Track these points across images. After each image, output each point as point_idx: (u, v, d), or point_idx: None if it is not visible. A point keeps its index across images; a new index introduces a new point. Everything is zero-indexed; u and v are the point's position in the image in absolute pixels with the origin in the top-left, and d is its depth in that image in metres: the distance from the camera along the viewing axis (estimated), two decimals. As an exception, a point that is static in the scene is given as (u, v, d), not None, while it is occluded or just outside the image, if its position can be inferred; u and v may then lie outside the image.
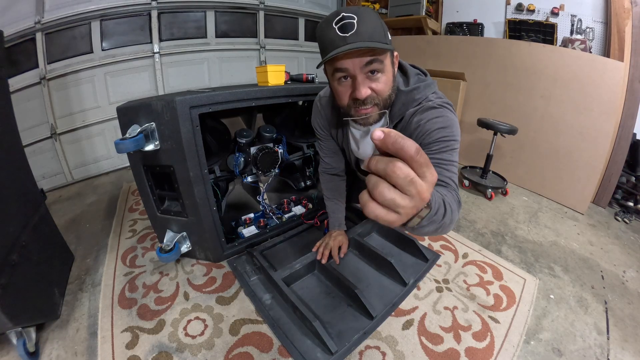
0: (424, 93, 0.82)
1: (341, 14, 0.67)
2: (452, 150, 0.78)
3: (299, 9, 2.96)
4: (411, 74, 0.86)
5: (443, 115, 0.78)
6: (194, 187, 1.06)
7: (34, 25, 1.78)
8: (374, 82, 0.72)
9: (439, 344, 0.93)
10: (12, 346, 0.83)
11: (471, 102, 2.41)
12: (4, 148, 0.94)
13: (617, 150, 1.87)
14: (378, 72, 0.71)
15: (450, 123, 0.77)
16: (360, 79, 0.71)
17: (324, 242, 1.21)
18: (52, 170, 2.04)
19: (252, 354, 0.88)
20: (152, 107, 0.99)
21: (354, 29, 0.66)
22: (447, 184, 0.73)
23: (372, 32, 0.67)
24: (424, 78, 0.86)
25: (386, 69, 0.72)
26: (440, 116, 0.78)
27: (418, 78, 0.86)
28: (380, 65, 0.70)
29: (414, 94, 0.81)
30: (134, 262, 1.26)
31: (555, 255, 1.43)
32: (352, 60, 0.69)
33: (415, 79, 0.85)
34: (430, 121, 0.77)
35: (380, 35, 0.68)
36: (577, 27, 2.08)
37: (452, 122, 0.78)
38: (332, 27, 0.67)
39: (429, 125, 0.77)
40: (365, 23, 0.66)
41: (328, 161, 1.16)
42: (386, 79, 0.74)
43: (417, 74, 0.87)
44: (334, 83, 0.77)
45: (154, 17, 2.20)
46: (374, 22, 0.68)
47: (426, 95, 0.82)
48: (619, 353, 0.96)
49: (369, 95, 0.73)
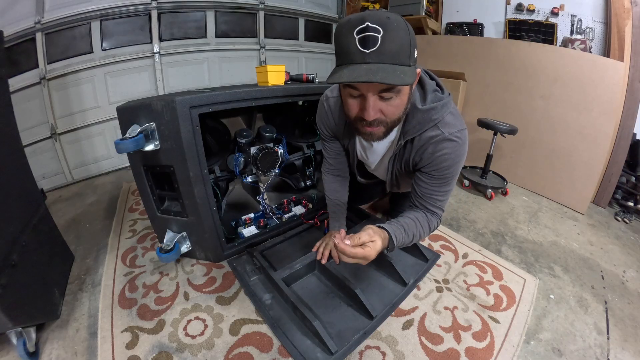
0: (440, 114, 0.78)
1: (366, 23, 0.58)
2: (452, 181, 0.86)
3: (299, 9, 2.96)
4: (429, 90, 0.81)
5: (456, 150, 0.80)
6: (194, 187, 1.06)
7: (34, 25, 1.78)
8: (386, 105, 0.68)
9: (439, 344, 0.93)
10: (12, 346, 0.83)
11: (471, 102, 2.41)
12: (4, 148, 0.94)
13: (617, 150, 1.87)
14: (392, 96, 0.67)
15: (460, 159, 0.82)
16: (371, 101, 0.66)
17: (324, 242, 1.21)
18: (52, 170, 2.04)
19: (252, 354, 0.88)
20: (152, 107, 0.99)
21: (376, 46, 0.58)
22: (433, 211, 0.89)
23: (396, 52, 0.59)
24: (441, 96, 0.81)
25: (402, 93, 0.68)
26: (453, 152, 0.80)
27: (435, 95, 0.81)
28: (396, 91, 0.66)
29: (431, 114, 0.78)
30: (134, 262, 1.26)
31: (555, 255, 1.43)
32: (367, 85, 0.64)
33: (432, 96, 0.81)
34: (442, 155, 0.80)
35: (405, 56, 0.61)
36: (577, 27, 2.08)
37: (461, 158, 0.82)
38: (352, 35, 0.59)
39: (439, 160, 0.81)
40: (391, 40, 0.58)
41: (332, 162, 1.15)
42: (399, 102, 0.69)
43: (434, 91, 0.82)
44: (343, 93, 0.73)
45: (154, 17, 2.21)
46: (401, 38, 0.60)
47: (443, 116, 0.79)
48: (619, 353, 0.96)
49: (377, 118, 0.69)
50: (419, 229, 0.86)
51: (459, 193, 2.03)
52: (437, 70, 2.45)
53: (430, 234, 1.44)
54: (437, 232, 1.52)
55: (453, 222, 1.66)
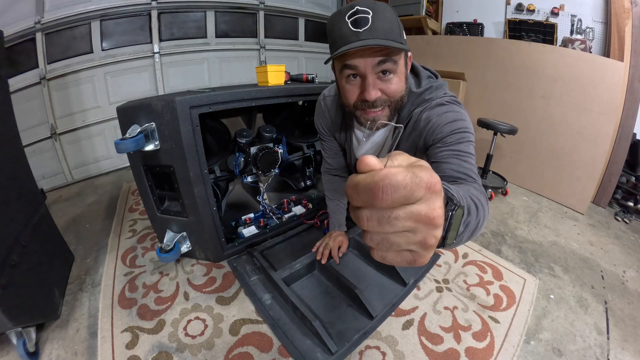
0: (435, 94, 0.79)
1: (355, 8, 0.62)
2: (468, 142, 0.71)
3: (299, 9, 2.96)
4: (423, 76, 0.82)
5: (453, 110, 0.75)
6: (194, 187, 1.06)
7: (34, 25, 1.78)
8: (385, 84, 0.68)
9: (439, 344, 0.93)
10: (12, 346, 0.83)
11: (471, 102, 2.41)
12: (4, 148, 0.94)
13: (617, 150, 1.87)
14: (390, 73, 0.67)
15: (462, 116, 0.74)
16: (370, 80, 0.67)
17: (323, 242, 1.21)
18: (52, 170, 2.04)
19: (252, 354, 0.88)
20: (152, 107, 0.99)
21: (368, 25, 0.61)
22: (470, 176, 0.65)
23: (388, 30, 0.63)
24: (434, 80, 0.83)
25: (399, 70, 0.69)
26: (451, 111, 0.74)
27: (429, 80, 0.82)
28: (394, 65, 0.66)
29: (424, 95, 0.78)
30: (134, 262, 1.26)
31: (555, 255, 1.43)
32: (365, 60, 0.64)
33: (427, 81, 0.82)
34: (441, 116, 0.74)
35: (396, 34, 0.64)
36: (577, 27, 2.08)
37: (464, 115, 0.74)
38: (344, 20, 0.63)
39: (440, 120, 0.73)
40: (381, 19, 0.62)
41: (330, 162, 1.15)
42: (398, 80, 0.70)
43: (428, 76, 0.83)
44: (341, 80, 0.73)
45: (154, 17, 2.21)
46: (390, 18, 0.64)
47: (437, 95, 0.79)
48: (619, 353, 0.96)
49: (378, 97, 0.69)
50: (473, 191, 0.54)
51: (459, 193, 2.03)
52: (437, 70, 2.45)
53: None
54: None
55: (453, 222, 1.65)
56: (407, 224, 0.22)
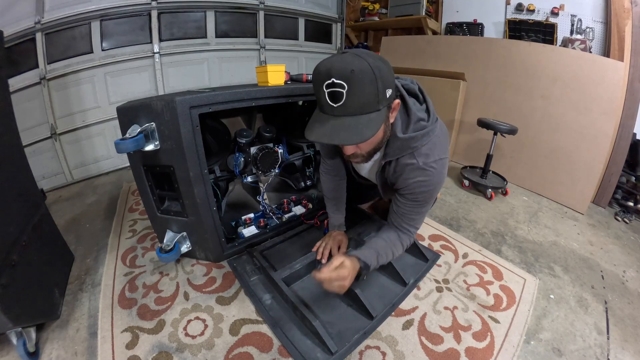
0: (420, 142, 0.82)
1: (332, 79, 0.63)
2: (425, 204, 0.91)
3: (299, 9, 2.95)
4: (413, 119, 0.82)
5: (429, 178, 0.84)
6: (194, 187, 1.06)
7: (34, 25, 1.78)
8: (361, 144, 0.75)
9: (439, 343, 0.93)
10: (12, 346, 0.83)
11: (471, 102, 2.41)
12: (4, 148, 0.94)
13: (617, 150, 1.87)
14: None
15: (433, 187, 0.86)
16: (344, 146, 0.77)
17: (323, 242, 1.21)
18: (52, 170, 2.04)
19: (252, 354, 0.88)
20: (152, 107, 0.99)
21: (341, 101, 0.64)
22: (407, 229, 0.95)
23: (362, 104, 0.65)
24: (424, 124, 0.82)
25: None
26: (427, 179, 0.84)
27: (418, 124, 0.82)
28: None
29: (409, 142, 0.81)
30: (134, 262, 1.26)
31: (555, 255, 1.43)
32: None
33: (415, 125, 0.82)
34: (416, 182, 0.85)
35: (372, 104, 0.66)
36: (577, 27, 2.08)
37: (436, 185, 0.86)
38: (322, 89, 0.66)
39: (413, 184, 0.86)
40: (355, 94, 0.63)
41: (329, 162, 1.16)
42: (373, 140, 0.75)
43: (419, 120, 0.82)
44: None
45: (154, 17, 2.20)
46: (366, 90, 0.64)
47: (422, 143, 0.82)
48: (619, 353, 0.96)
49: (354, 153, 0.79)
50: (392, 249, 0.96)
51: (459, 193, 2.03)
52: (437, 70, 2.46)
53: (426, 231, 1.46)
54: (437, 232, 1.52)
55: (453, 222, 1.66)
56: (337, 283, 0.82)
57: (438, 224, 1.61)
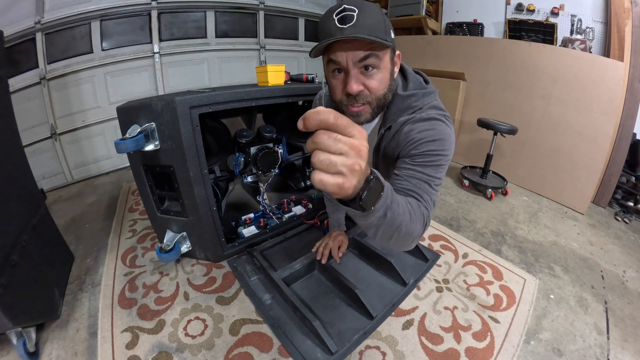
0: (421, 101, 0.77)
1: (343, 6, 0.64)
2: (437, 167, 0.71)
3: (299, 9, 2.96)
4: (411, 79, 0.81)
5: (435, 127, 0.73)
6: (194, 187, 1.06)
7: (34, 25, 1.78)
8: (368, 79, 0.68)
9: (439, 344, 0.93)
10: (12, 346, 0.83)
11: (471, 102, 2.41)
12: (4, 148, 0.94)
13: (617, 150, 1.87)
14: (373, 69, 0.67)
15: (442, 136, 0.72)
16: (352, 74, 0.67)
17: (323, 242, 1.21)
18: (52, 170, 2.04)
19: (252, 354, 0.88)
20: (152, 107, 0.99)
21: (352, 21, 0.63)
22: (421, 197, 0.66)
23: (373, 27, 0.64)
24: (424, 85, 0.81)
25: (383, 66, 0.69)
26: (432, 128, 0.73)
27: (419, 84, 0.81)
28: (376, 60, 0.66)
29: (411, 100, 0.77)
30: (134, 262, 1.26)
31: (555, 255, 1.43)
32: (347, 53, 0.65)
33: (415, 84, 0.81)
34: (420, 132, 0.73)
35: (381, 31, 0.65)
36: (577, 27, 2.08)
37: (444, 136, 0.73)
38: (332, 18, 0.65)
39: (418, 136, 0.73)
40: (367, 17, 0.64)
41: None
42: (382, 77, 0.70)
43: (417, 80, 0.82)
44: (328, 76, 0.74)
45: (154, 17, 2.20)
46: (376, 16, 0.65)
47: (423, 103, 0.77)
48: (619, 353, 0.96)
49: (360, 92, 0.69)
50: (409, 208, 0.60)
51: (458, 193, 2.03)
52: (437, 70, 2.46)
53: (426, 232, 1.44)
54: (437, 232, 1.52)
55: (453, 222, 1.66)
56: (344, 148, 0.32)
57: (438, 224, 1.61)
